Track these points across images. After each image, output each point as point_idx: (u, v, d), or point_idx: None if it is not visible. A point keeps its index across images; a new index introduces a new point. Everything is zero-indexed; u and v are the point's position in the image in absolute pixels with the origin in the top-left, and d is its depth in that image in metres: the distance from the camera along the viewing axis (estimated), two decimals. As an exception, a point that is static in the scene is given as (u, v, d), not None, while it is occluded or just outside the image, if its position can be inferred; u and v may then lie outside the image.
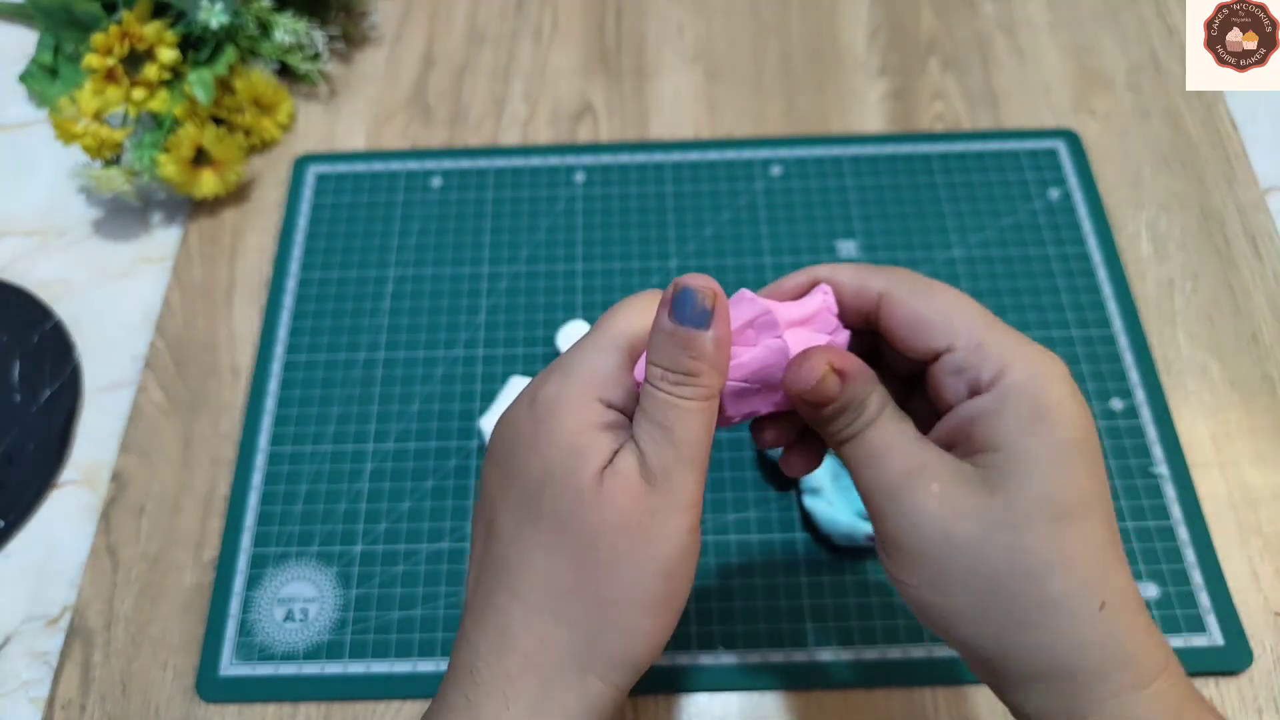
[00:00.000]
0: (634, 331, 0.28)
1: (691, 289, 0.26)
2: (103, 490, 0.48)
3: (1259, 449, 0.48)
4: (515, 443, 0.28)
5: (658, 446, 0.26)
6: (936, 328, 0.27)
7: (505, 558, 0.27)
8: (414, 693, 0.43)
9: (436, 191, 0.57)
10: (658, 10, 0.64)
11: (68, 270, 0.55)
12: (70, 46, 0.60)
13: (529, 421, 0.27)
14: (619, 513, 0.26)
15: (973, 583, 0.26)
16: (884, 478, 0.27)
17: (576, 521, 0.26)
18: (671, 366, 0.26)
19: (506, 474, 0.28)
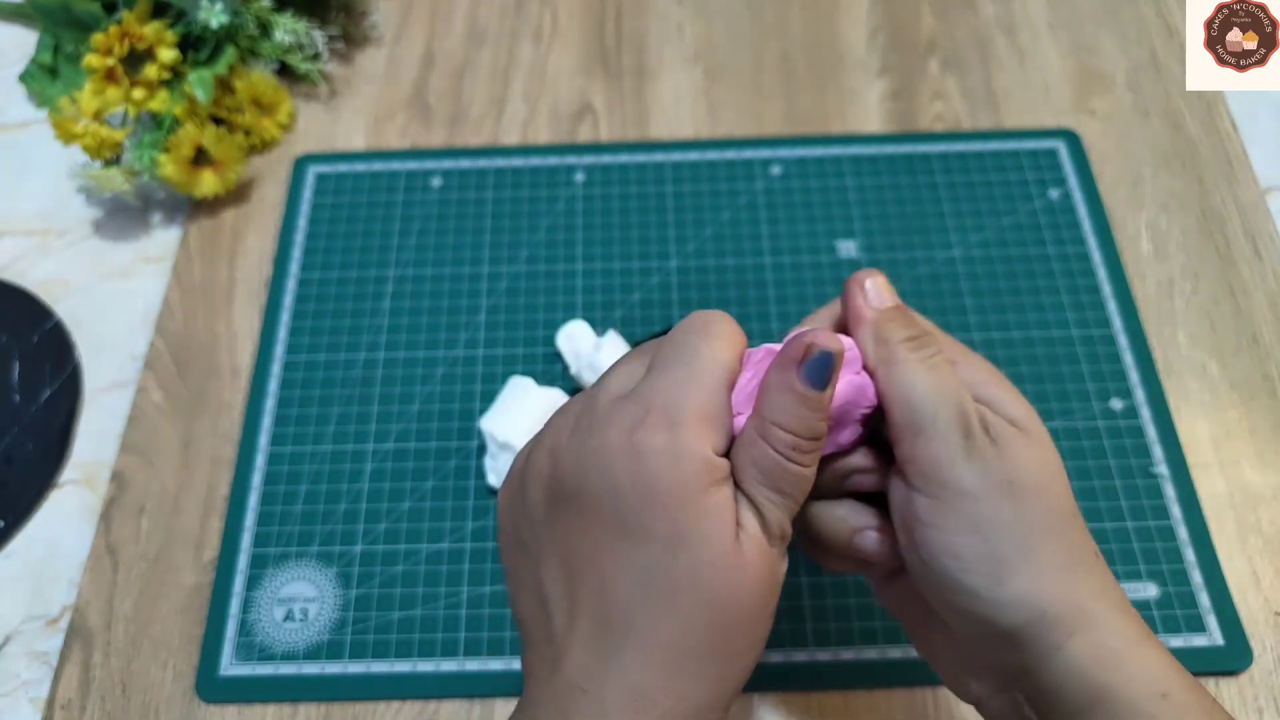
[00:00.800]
0: (730, 365, 0.27)
1: (831, 353, 0.26)
2: (103, 490, 0.48)
3: (1259, 449, 0.48)
4: (623, 501, 0.26)
5: (778, 512, 0.27)
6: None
7: (630, 618, 0.26)
8: (414, 693, 0.43)
9: (436, 191, 0.57)
10: (658, 10, 0.64)
11: (68, 270, 0.55)
12: (70, 46, 0.60)
13: (639, 474, 0.26)
14: (754, 577, 0.26)
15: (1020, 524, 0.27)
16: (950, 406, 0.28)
17: (719, 587, 0.25)
18: (804, 433, 0.26)
19: (619, 526, 0.26)
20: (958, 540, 0.27)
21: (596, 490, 0.26)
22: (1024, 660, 0.27)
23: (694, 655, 0.26)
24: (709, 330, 0.27)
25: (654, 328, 0.51)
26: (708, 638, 0.26)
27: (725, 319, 0.28)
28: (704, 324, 0.28)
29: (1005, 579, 0.27)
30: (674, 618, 0.25)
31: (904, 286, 0.52)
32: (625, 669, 0.25)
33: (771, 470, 0.26)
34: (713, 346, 0.27)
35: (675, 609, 0.25)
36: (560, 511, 0.27)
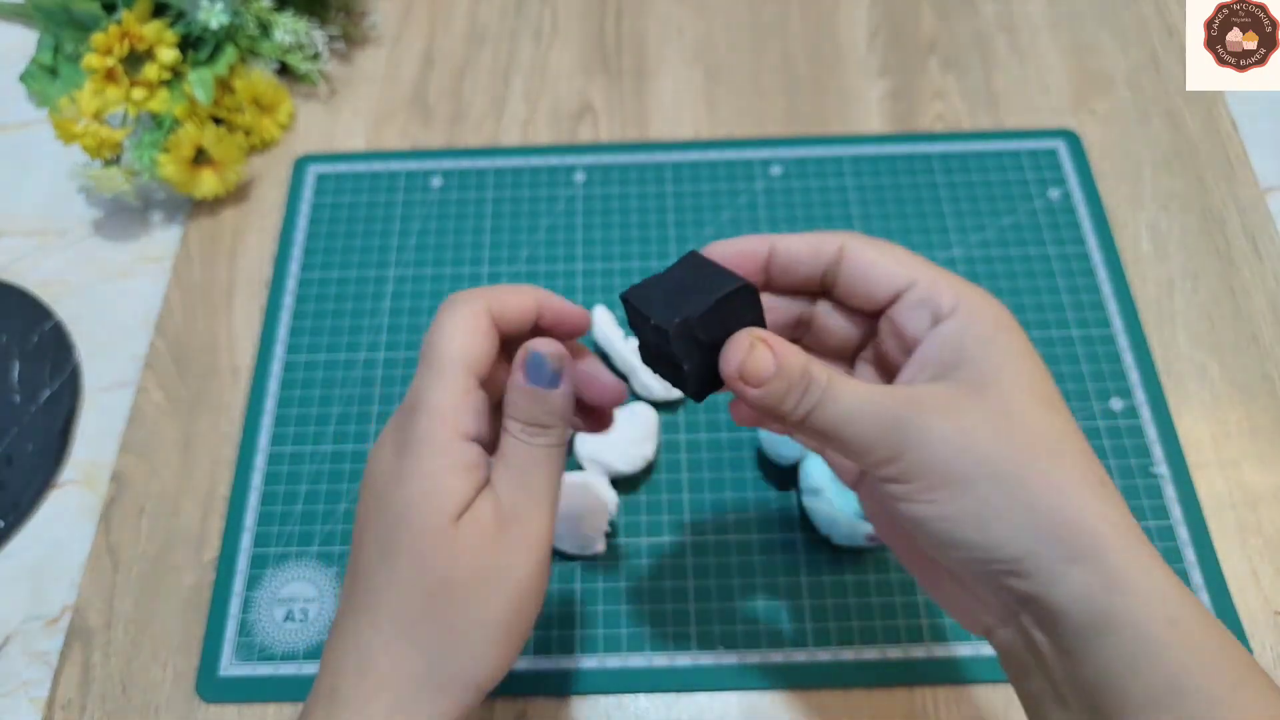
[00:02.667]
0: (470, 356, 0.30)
1: (541, 355, 0.30)
2: (103, 490, 0.48)
3: (1259, 449, 0.48)
4: (381, 479, 0.30)
5: (512, 489, 0.30)
6: (897, 270, 0.30)
7: (368, 588, 0.29)
8: (414, 693, 0.43)
9: (436, 191, 0.57)
10: (658, 10, 0.64)
11: (68, 270, 0.55)
12: (70, 46, 0.60)
13: (393, 461, 0.30)
14: (473, 553, 0.28)
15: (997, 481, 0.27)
16: (881, 421, 0.28)
17: (432, 560, 0.28)
18: (529, 420, 0.30)
19: (372, 508, 0.30)
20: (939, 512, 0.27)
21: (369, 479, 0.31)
22: (1028, 587, 0.27)
23: (411, 621, 0.28)
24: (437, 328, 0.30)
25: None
26: (425, 606, 0.28)
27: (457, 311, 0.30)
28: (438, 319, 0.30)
29: (991, 526, 0.27)
30: (396, 584, 0.28)
31: (904, 286, 0.52)
32: (358, 633, 0.29)
33: (506, 452, 0.30)
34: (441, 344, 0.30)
35: (398, 578, 0.29)
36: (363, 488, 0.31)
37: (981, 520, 0.27)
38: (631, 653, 0.43)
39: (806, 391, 0.28)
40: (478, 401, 0.30)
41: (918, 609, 0.44)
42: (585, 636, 0.44)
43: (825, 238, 0.31)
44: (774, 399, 0.28)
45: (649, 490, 0.47)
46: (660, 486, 0.47)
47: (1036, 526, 0.26)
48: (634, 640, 0.43)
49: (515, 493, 0.30)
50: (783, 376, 0.28)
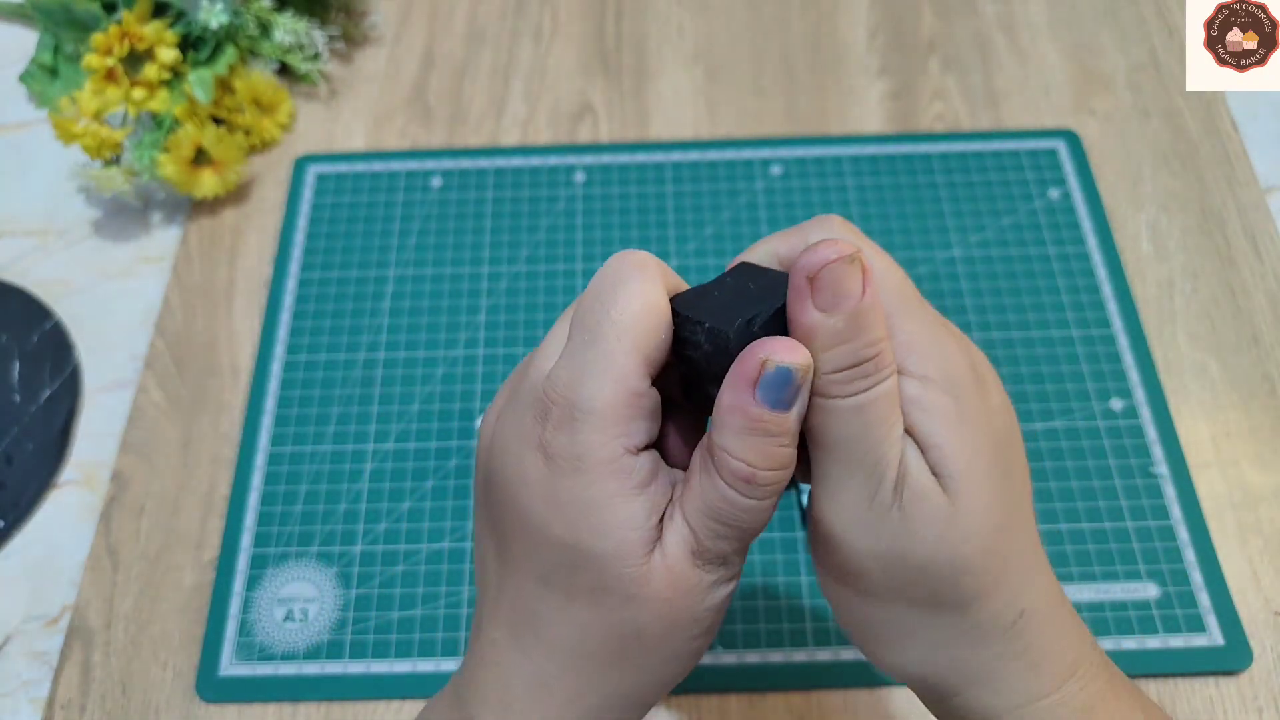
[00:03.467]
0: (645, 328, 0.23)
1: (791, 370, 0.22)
2: (103, 490, 0.48)
3: (1259, 449, 0.48)
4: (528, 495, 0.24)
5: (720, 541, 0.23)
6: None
7: (535, 615, 0.25)
8: (414, 693, 0.43)
9: (436, 191, 0.57)
10: (658, 10, 0.64)
11: (68, 270, 0.55)
12: (70, 46, 0.60)
13: (543, 477, 0.23)
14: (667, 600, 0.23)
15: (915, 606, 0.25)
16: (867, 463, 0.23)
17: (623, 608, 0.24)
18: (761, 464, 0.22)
19: (523, 526, 0.24)
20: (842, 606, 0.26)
21: (510, 481, 0.24)
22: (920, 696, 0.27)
23: (592, 659, 0.25)
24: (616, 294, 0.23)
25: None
26: (605, 647, 0.24)
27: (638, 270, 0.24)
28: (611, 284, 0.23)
29: (884, 651, 0.26)
30: (570, 623, 0.24)
31: (904, 286, 0.52)
32: (530, 655, 0.25)
33: (716, 504, 0.23)
34: (620, 316, 0.23)
35: (571, 616, 0.24)
36: (491, 486, 0.26)
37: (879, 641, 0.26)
38: (631, 653, 0.43)
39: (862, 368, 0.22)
40: (651, 402, 0.23)
41: (918, 609, 0.44)
42: (585, 636, 0.44)
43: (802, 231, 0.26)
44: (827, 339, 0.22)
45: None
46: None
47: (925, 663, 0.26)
48: (634, 640, 0.43)
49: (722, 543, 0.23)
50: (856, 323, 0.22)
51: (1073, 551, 0.45)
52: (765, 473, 0.22)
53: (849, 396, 0.23)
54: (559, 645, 0.25)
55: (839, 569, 0.25)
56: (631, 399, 0.23)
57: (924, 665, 0.26)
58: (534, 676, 0.25)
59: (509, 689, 0.25)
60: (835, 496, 0.24)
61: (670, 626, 0.24)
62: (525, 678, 0.25)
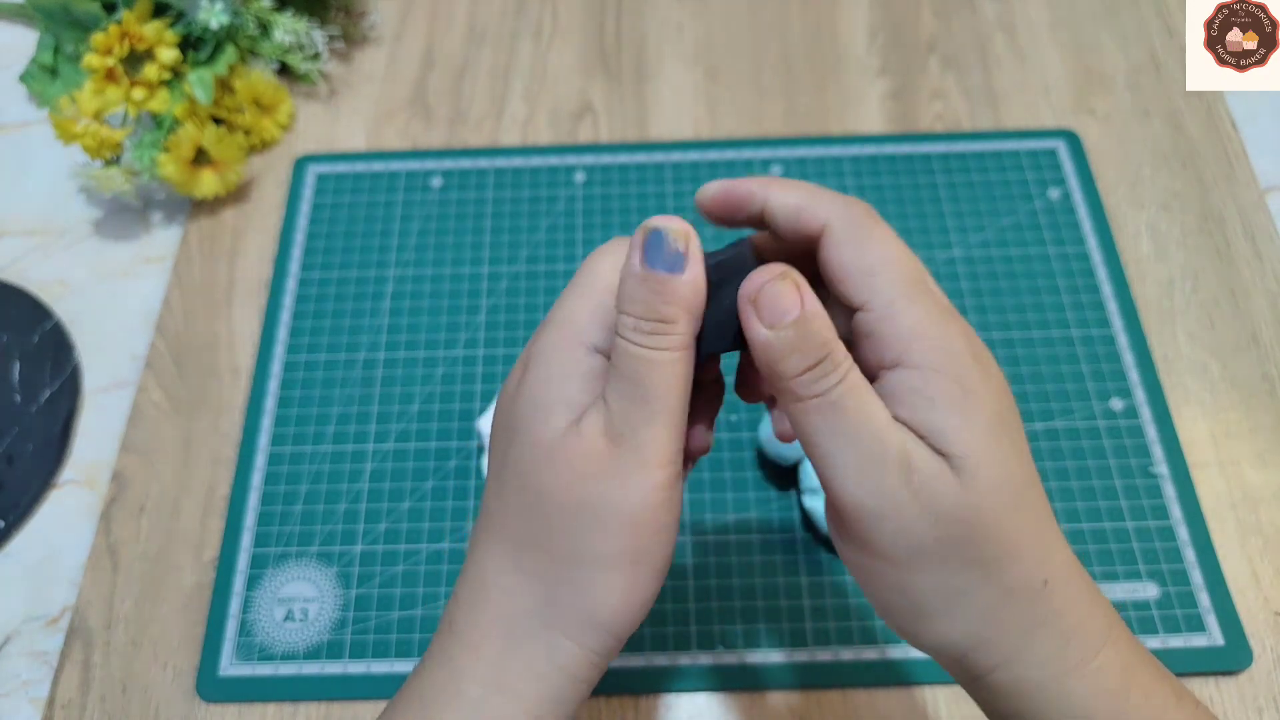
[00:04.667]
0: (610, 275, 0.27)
1: (663, 230, 0.25)
2: (103, 490, 0.48)
3: (1259, 449, 0.48)
4: (505, 398, 0.28)
5: (625, 403, 0.25)
6: (857, 281, 0.25)
7: (486, 509, 0.27)
8: (414, 693, 0.43)
9: (436, 191, 0.57)
10: (658, 10, 0.64)
11: (68, 270, 0.55)
12: (70, 46, 0.60)
13: (517, 375, 0.28)
14: (577, 472, 0.25)
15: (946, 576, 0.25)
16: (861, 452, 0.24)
17: (536, 478, 0.26)
18: (645, 315, 0.25)
19: (496, 428, 0.28)
20: (875, 586, 0.26)
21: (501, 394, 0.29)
22: (959, 676, 0.27)
23: (520, 546, 0.26)
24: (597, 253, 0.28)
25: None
26: (531, 529, 0.26)
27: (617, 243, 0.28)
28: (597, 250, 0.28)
29: (921, 627, 0.26)
30: (508, 505, 0.27)
31: (904, 286, 0.52)
32: (477, 560, 0.27)
33: (617, 359, 0.25)
34: (595, 264, 0.27)
35: (508, 498, 0.27)
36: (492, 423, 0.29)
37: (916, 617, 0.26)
38: (632, 653, 0.43)
39: (816, 369, 0.24)
40: (613, 319, 0.26)
41: (918, 609, 0.44)
42: (585, 636, 0.44)
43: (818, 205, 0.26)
44: (777, 351, 0.24)
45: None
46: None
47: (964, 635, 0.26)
48: (634, 640, 0.43)
49: (626, 406, 0.25)
50: (800, 331, 0.24)
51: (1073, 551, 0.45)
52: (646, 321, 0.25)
53: (819, 396, 0.25)
54: (493, 527, 0.27)
55: (863, 545, 0.26)
56: (592, 311, 0.27)
57: (962, 638, 0.26)
58: (476, 577, 0.27)
59: (456, 601, 0.27)
60: (845, 485, 0.25)
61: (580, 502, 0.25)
62: (469, 582, 0.27)
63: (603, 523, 0.25)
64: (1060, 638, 0.26)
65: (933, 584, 0.25)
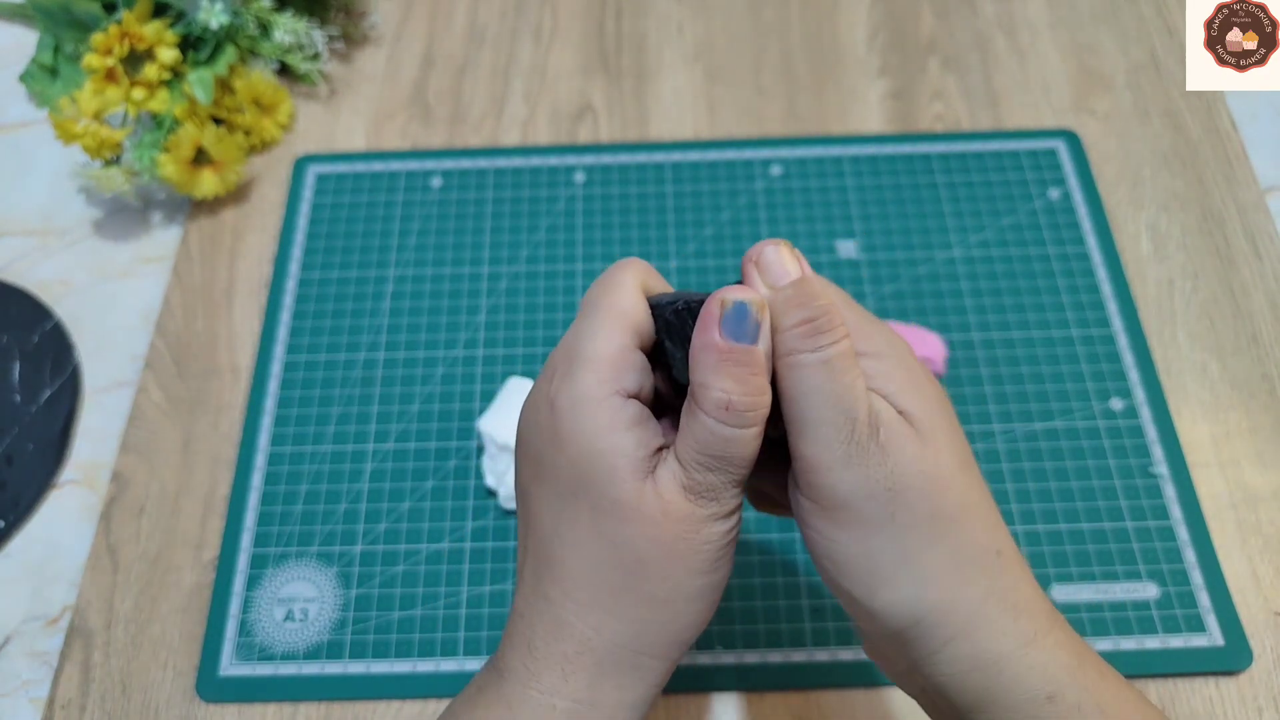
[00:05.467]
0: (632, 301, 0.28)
1: (746, 303, 0.25)
2: (103, 490, 0.48)
3: (1259, 449, 0.48)
4: (541, 441, 0.28)
5: (707, 474, 0.26)
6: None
7: (551, 553, 0.28)
8: (414, 693, 0.43)
9: (436, 191, 0.57)
10: (658, 10, 0.64)
11: (68, 270, 0.55)
12: (70, 46, 0.60)
13: (549, 422, 0.27)
14: (663, 528, 0.26)
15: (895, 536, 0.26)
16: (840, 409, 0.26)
17: (620, 532, 0.26)
18: (736, 393, 0.25)
19: (538, 471, 0.28)
20: (835, 546, 0.27)
21: (527, 438, 0.29)
22: (911, 656, 0.27)
23: (605, 590, 0.27)
24: (609, 282, 0.28)
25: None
26: (614, 576, 0.27)
27: (627, 267, 0.28)
28: (608, 274, 0.29)
29: (878, 589, 0.26)
30: (581, 554, 0.27)
31: (904, 286, 0.52)
32: (548, 598, 0.28)
33: (701, 436, 0.26)
34: (611, 296, 0.28)
35: (580, 545, 0.27)
36: (519, 447, 0.30)
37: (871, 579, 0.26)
38: (631, 653, 0.43)
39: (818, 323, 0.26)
40: (639, 360, 0.27)
41: (918, 609, 0.44)
42: (585, 636, 0.44)
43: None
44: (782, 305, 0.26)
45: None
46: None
47: (919, 601, 0.26)
48: (634, 640, 0.43)
49: (709, 475, 0.26)
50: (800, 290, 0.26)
51: (1072, 551, 0.45)
52: (741, 398, 0.25)
53: (815, 351, 0.26)
54: (569, 576, 0.27)
55: (826, 504, 0.26)
56: (621, 352, 0.27)
57: (916, 604, 0.26)
58: (551, 616, 0.28)
59: (533, 630, 0.28)
60: (816, 441, 0.26)
61: (668, 554, 0.26)
62: (544, 618, 0.28)
63: (690, 567, 0.27)
64: (1014, 610, 0.26)
65: (890, 542, 0.26)
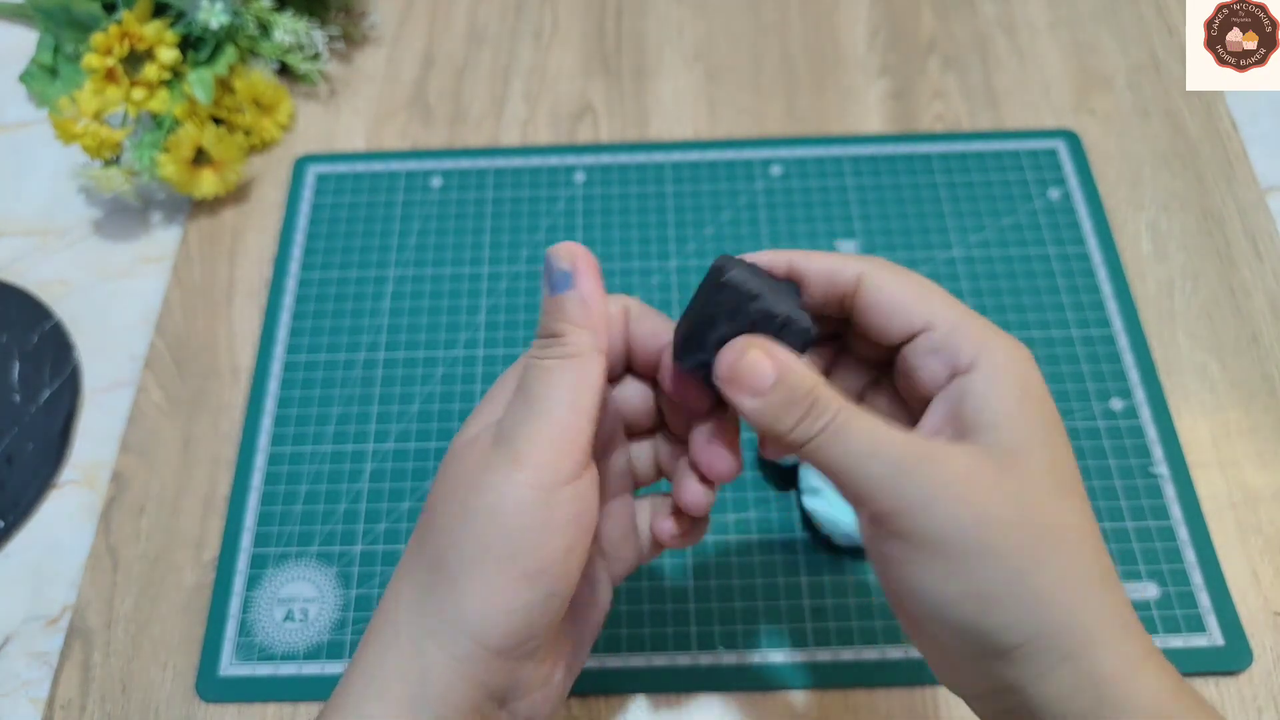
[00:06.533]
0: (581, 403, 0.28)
1: (549, 254, 0.28)
2: (103, 490, 0.48)
3: (1259, 449, 0.48)
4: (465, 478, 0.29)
5: (513, 408, 0.27)
6: (914, 309, 0.28)
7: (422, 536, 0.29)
8: (414, 693, 0.43)
9: (436, 191, 0.57)
10: (658, 10, 0.64)
11: (68, 270, 0.55)
12: (70, 46, 0.60)
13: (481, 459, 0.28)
14: (463, 475, 0.26)
15: (1002, 567, 0.25)
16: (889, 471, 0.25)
17: (435, 486, 0.27)
18: (541, 333, 0.27)
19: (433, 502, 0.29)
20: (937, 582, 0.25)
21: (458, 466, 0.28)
22: (1012, 678, 0.26)
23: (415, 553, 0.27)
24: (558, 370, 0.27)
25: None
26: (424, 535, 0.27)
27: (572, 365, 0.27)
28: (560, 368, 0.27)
29: (991, 611, 0.25)
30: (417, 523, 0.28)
31: (904, 286, 0.52)
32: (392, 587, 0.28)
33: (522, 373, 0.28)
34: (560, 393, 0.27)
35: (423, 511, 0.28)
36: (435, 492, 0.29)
37: (981, 603, 0.25)
38: (631, 653, 0.43)
39: (809, 414, 0.26)
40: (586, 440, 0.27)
41: (918, 609, 0.44)
42: (585, 636, 0.44)
43: (846, 263, 0.29)
44: (770, 415, 0.26)
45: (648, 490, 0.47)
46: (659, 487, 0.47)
47: (1035, 619, 0.25)
48: (634, 640, 0.43)
49: (513, 410, 0.27)
50: (783, 390, 0.26)
51: (1073, 551, 0.45)
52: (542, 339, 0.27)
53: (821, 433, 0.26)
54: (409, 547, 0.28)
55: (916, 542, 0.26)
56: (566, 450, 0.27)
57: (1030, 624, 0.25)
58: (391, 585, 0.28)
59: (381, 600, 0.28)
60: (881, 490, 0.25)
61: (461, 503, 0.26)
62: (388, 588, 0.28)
63: (474, 520, 0.26)
64: (1124, 630, 0.25)
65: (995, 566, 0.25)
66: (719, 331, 0.27)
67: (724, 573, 0.45)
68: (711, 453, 0.30)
